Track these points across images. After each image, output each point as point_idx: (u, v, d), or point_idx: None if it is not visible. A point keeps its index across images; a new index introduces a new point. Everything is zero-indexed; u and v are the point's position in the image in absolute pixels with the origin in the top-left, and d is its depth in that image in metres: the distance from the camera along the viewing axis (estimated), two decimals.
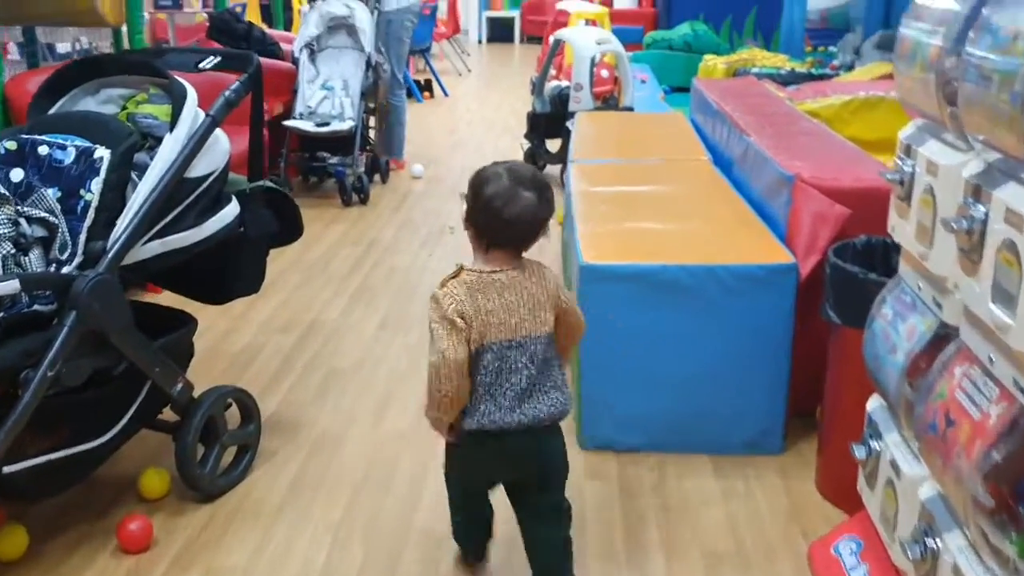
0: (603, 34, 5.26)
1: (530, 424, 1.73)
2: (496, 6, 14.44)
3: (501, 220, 1.69)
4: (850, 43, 8.85)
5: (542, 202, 1.72)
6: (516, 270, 1.74)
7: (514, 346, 1.71)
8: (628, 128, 4.36)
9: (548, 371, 1.75)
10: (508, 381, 1.72)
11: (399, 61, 5.69)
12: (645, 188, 3.16)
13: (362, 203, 4.96)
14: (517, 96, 8.99)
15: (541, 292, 1.75)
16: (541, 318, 1.74)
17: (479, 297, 1.70)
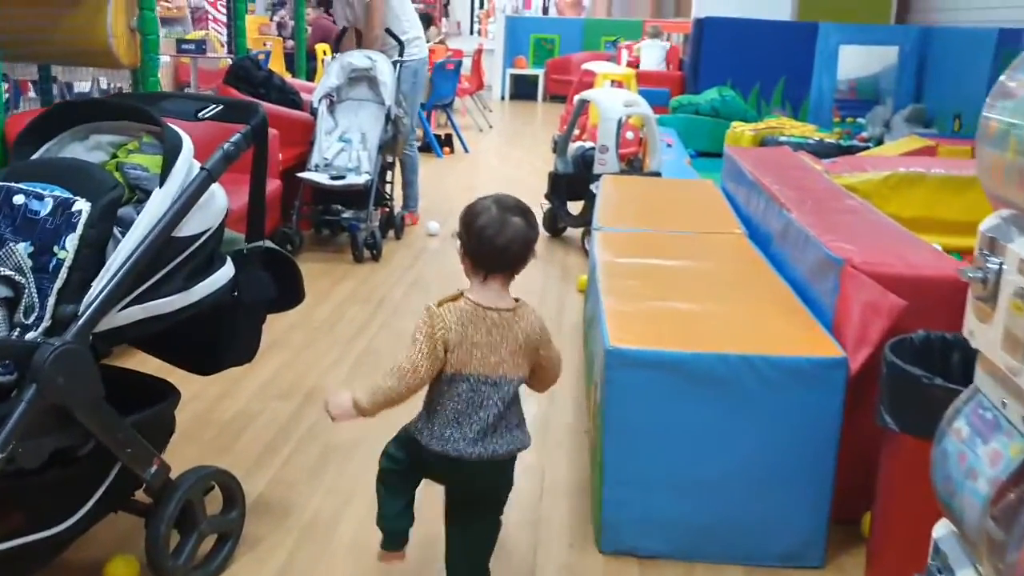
0: (631, 96, 5.10)
1: (489, 458, 1.82)
2: (520, 64, 14.44)
3: (496, 247, 1.80)
4: (879, 115, 8.71)
5: (529, 226, 1.84)
6: (509, 312, 1.83)
7: (490, 383, 1.81)
8: (656, 195, 4.16)
9: (514, 409, 1.86)
10: (477, 415, 1.81)
11: (415, 112, 5.56)
12: (676, 262, 2.94)
13: (374, 259, 4.76)
14: (538, 155, 8.86)
15: (525, 339, 1.83)
16: (519, 363, 1.84)
17: (469, 328, 1.79)
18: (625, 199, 4.00)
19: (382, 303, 4.11)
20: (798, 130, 7.84)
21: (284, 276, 2.23)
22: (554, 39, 14.57)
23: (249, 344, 2.19)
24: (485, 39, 15.49)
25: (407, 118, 5.25)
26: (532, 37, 14.60)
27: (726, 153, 4.52)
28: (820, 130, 7.97)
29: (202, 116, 2.05)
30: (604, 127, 4.92)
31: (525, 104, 13.94)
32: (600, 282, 2.65)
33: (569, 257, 5.06)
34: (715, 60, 9.02)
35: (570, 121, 5.35)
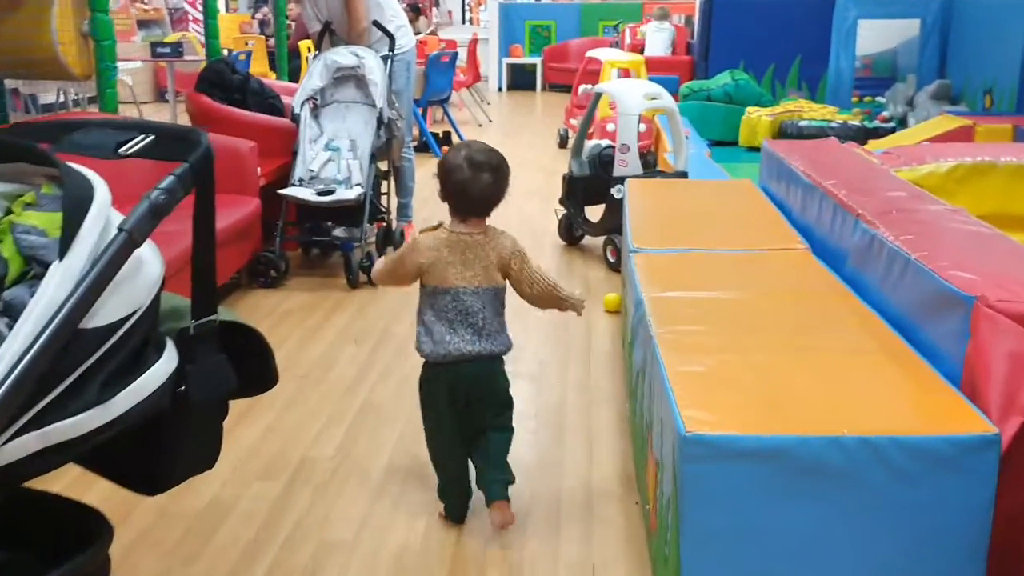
0: (651, 87, 4.55)
1: (487, 354, 2.18)
2: (516, 53, 13.85)
3: (470, 199, 2.16)
4: (901, 93, 8.14)
5: (497, 179, 2.17)
6: (481, 235, 2.18)
7: (469, 293, 2.15)
8: (691, 201, 3.61)
9: (497, 317, 2.22)
10: (467, 320, 2.16)
11: (410, 111, 5.01)
12: (739, 294, 2.40)
13: (371, 284, 4.22)
14: (543, 149, 8.30)
15: (495, 256, 2.18)
16: (492, 275, 2.18)
17: (444, 251, 2.15)
18: (657, 209, 3.46)
19: (383, 340, 3.57)
20: (818, 113, 7.28)
21: (249, 355, 1.69)
22: (550, 25, 14.00)
23: (205, 452, 1.65)
24: (478, 28, 14.90)
25: (401, 120, 4.70)
26: (527, 24, 14.02)
27: (765, 149, 3.97)
28: (841, 111, 7.41)
29: (124, 152, 1.50)
30: (624, 123, 4.37)
31: (524, 95, 13.37)
32: (654, 331, 2.11)
33: (591, 270, 4.51)
34: (726, 42, 8.47)
35: (584, 117, 4.80)
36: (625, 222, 3.33)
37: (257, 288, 4.17)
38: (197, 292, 1.54)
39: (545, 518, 2.33)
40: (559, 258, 4.76)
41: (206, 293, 1.55)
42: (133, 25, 12.42)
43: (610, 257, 4.48)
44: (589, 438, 2.75)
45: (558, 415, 2.92)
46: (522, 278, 2.21)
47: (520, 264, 2.20)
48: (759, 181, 4.01)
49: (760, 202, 3.51)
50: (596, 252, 4.77)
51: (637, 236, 2.94)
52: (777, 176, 3.68)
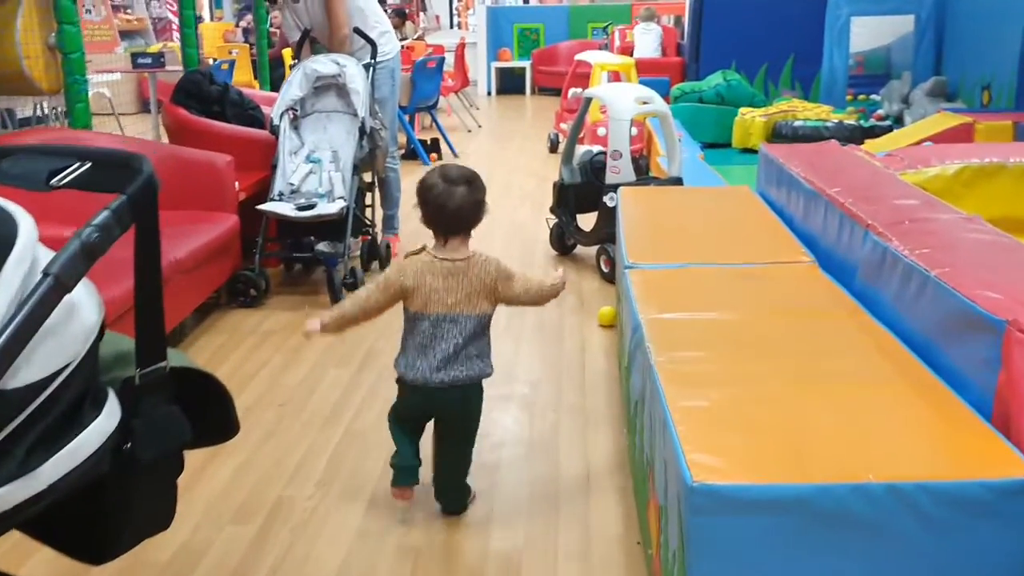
0: (643, 91, 4.38)
1: (451, 383, 2.17)
2: (505, 56, 13.69)
3: (448, 213, 2.16)
4: (896, 90, 8.00)
5: (472, 191, 2.19)
6: (464, 261, 2.18)
7: (448, 320, 2.17)
8: (688, 210, 3.45)
9: (475, 343, 2.21)
10: (439, 346, 2.17)
11: (394, 119, 4.84)
12: (744, 315, 2.24)
13: None
14: (533, 155, 8.15)
15: (479, 284, 2.18)
16: (475, 303, 2.18)
17: (427, 276, 2.16)
18: (652, 219, 3.29)
19: (367, 361, 3.40)
20: (812, 112, 7.13)
21: (206, 402, 1.52)
22: (538, 28, 13.84)
23: (157, 513, 1.49)
24: (466, 32, 14.75)
25: (385, 130, 4.53)
26: (515, 27, 13.86)
27: (763, 154, 3.81)
28: (836, 111, 7.26)
29: (57, 183, 1.33)
30: (615, 129, 4.21)
31: (513, 99, 13.21)
32: (653, 359, 1.95)
33: (584, 281, 4.35)
34: (717, 41, 8.32)
35: (574, 122, 4.63)
36: (619, 234, 3.16)
37: (237, 308, 4.00)
38: (142, 337, 1.36)
39: (541, 557, 2.17)
40: (551, 268, 4.59)
41: (153, 338, 1.38)
42: (115, 36, 12.24)
43: (603, 267, 4.32)
44: (585, 469, 2.58)
45: (551, 442, 2.76)
46: (511, 295, 2.26)
47: (505, 284, 2.24)
48: (757, 187, 3.85)
49: (760, 210, 3.35)
50: (589, 262, 4.61)
51: (632, 250, 2.78)
52: (777, 182, 3.52)
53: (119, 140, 4.18)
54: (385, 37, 4.61)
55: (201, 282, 3.65)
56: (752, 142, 6.92)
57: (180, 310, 3.48)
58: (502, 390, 3.05)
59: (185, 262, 3.37)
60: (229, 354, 3.48)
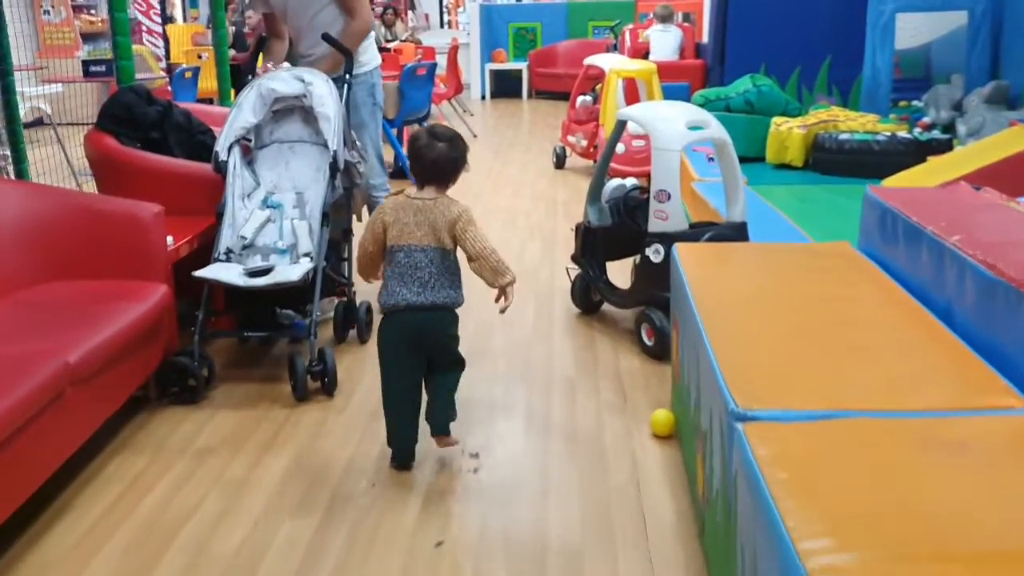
0: (695, 112, 3.43)
1: (428, 304, 2.43)
2: (499, 58, 12.74)
3: (427, 162, 2.46)
4: (943, 96, 7.06)
5: (451, 148, 2.48)
6: (432, 201, 2.46)
7: (418, 250, 2.44)
8: (786, 287, 2.49)
9: (445, 274, 2.46)
10: (414, 274, 2.44)
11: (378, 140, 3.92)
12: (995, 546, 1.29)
13: (326, 393, 3.09)
14: (538, 171, 7.19)
15: (443, 220, 2.44)
16: (439, 236, 2.44)
17: (400, 212, 2.46)
18: (739, 304, 2.34)
19: (334, 509, 2.43)
20: (856, 122, 6.20)
21: None
22: (535, 27, 12.90)
23: None
24: (458, 32, 13.78)
25: (364, 163, 3.58)
26: (510, 27, 12.92)
27: (870, 199, 2.87)
28: (882, 120, 6.32)
29: None
30: (662, 163, 3.26)
31: (509, 103, 12.26)
32: None
33: (621, 356, 3.39)
34: (745, 42, 7.38)
35: (603, 153, 3.67)
36: (694, 331, 2.20)
37: (169, 405, 3.03)
38: None
39: None
40: (574, 335, 3.63)
41: None
42: (77, 39, 11.24)
43: (646, 339, 3.37)
44: None
45: None
46: (465, 237, 2.43)
47: (465, 224, 2.43)
48: (860, 243, 2.91)
49: (886, 287, 2.40)
50: (623, 326, 3.66)
51: (738, 382, 1.81)
52: (897, 240, 2.58)
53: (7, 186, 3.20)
54: (363, 45, 3.67)
55: (113, 385, 2.69)
56: (789, 156, 6.01)
57: (77, 432, 2.51)
58: (527, 567, 2.11)
59: (82, 368, 2.41)
60: (144, 494, 2.50)
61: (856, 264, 2.63)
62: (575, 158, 7.11)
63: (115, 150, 3.55)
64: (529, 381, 3.20)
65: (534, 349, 3.49)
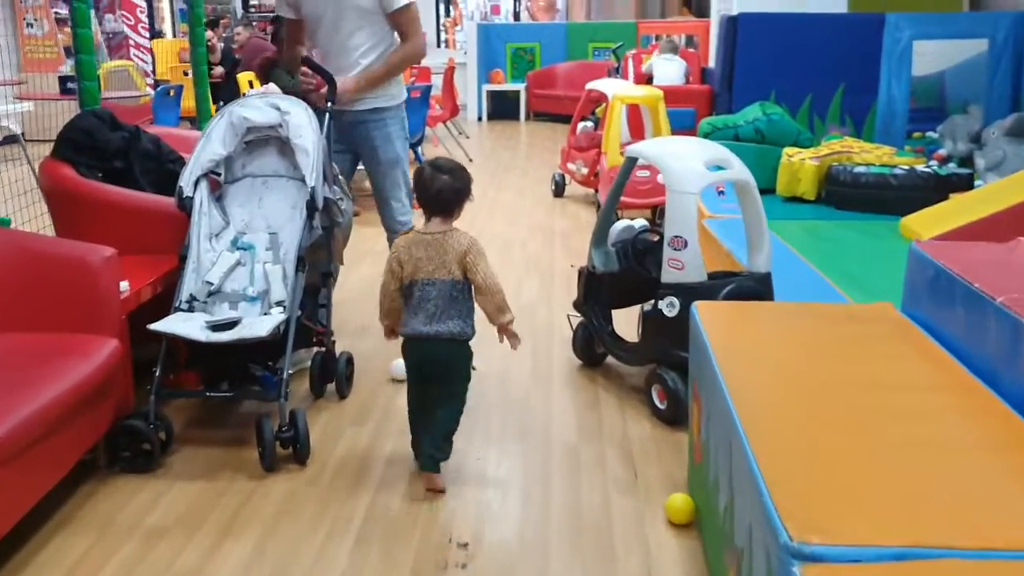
0: (714, 150, 3.10)
1: (435, 336, 2.52)
2: (497, 78, 12.44)
3: (430, 193, 2.54)
4: (960, 127, 6.76)
5: (454, 179, 2.55)
6: (442, 234, 2.54)
7: (428, 284, 2.52)
8: (825, 362, 2.15)
9: (454, 305, 2.53)
10: (425, 307, 2.53)
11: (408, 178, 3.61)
12: None
13: (297, 462, 2.74)
14: (535, 198, 6.87)
15: (453, 252, 2.52)
16: (449, 269, 2.51)
17: (414, 248, 2.55)
18: (778, 384, 2.00)
19: None
20: (872, 155, 5.87)
21: None
22: (534, 48, 12.60)
23: None
24: (454, 51, 13.49)
25: (345, 200, 3.24)
26: (508, 47, 12.62)
27: (918, 255, 2.53)
28: (898, 153, 6.00)
29: None
30: (678, 207, 2.92)
31: (506, 125, 11.95)
32: None
33: (629, 421, 3.04)
34: (754, 68, 7.06)
35: (611, 193, 3.33)
36: (731, 430, 1.86)
37: (121, 473, 2.68)
38: None
39: None
40: (576, 391, 3.29)
41: None
42: (61, 53, 10.91)
43: (658, 401, 3.03)
44: None
45: None
46: (476, 270, 2.51)
47: (475, 257, 2.53)
48: (904, 304, 2.57)
49: (947, 367, 2.07)
50: (629, 382, 3.32)
51: (788, 504, 1.46)
52: (953, 306, 2.24)
53: None
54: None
55: (53, 455, 2.34)
56: (801, 189, 5.67)
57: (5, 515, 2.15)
58: None
59: (9, 444, 2.05)
60: None
61: (905, 333, 2.29)
62: (575, 186, 6.79)
63: (71, 181, 3.21)
64: (526, 448, 2.86)
65: (532, 407, 3.14)
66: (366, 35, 3.33)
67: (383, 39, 3.36)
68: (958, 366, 2.06)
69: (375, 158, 3.46)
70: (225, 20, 11.16)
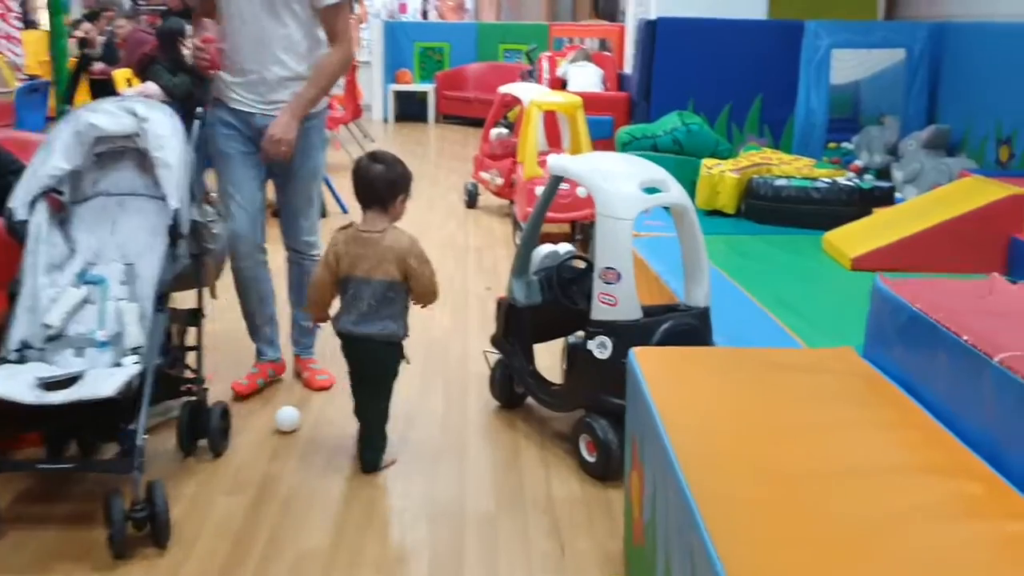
0: (650, 170, 2.71)
1: (362, 335, 2.54)
2: (404, 78, 11.95)
3: (363, 184, 2.55)
4: (875, 138, 6.64)
5: (387, 169, 2.56)
6: (380, 233, 2.53)
7: (363, 282, 2.52)
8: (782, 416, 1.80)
9: (388, 306, 2.54)
10: (357, 305, 2.53)
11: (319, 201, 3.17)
12: None
13: (156, 545, 2.24)
14: (447, 210, 6.44)
15: (391, 253, 2.51)
16: (385, 269, 2.51)
17: (351, 245, 2.53)
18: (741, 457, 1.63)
19: None
20: (791, 167, 5.63)
21: None
22: (443, 48, 12.17)
23: None
24: (360, 50, 12.94)
25: (219, 223, 2.76)
26: (416, 46, 12.15)
27: (884, 294, 2.19)
28: (818, 165, 5.79)
29: None
30: (609, 234, 2.53)
31: (414, 128, 11.46)
32: None
33: (553, 479, 2.63)
34: (673, 75, 6.80)
35: (531, 219, 2.92)
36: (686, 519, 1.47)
37: None
38: None
39: None
40: (494, 442, 2.88)
41: None
42: None
43: (586, 453, 2.64)
44: None
45: None
46: (417, 277, 2.53)
47: (418, 263, 2.53)
48: (867, 349, 2.24)
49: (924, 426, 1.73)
50: (553, 427, 2.92)
51: None
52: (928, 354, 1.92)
53: None
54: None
55: None
56: (721, 202, 5.40)
57: None
58: None
59: None
60: None
61: (874, 387, 1.96)
62: (488, 196, 6.38)
63: None
64: (434, 523, 2.42)
65: (442, 468, 2.71)
66: (290, 30, 2.88)
67: (307, 35, 2.91)
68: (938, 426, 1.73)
69: (289, 169, 2.98)
70: (110, 12, 10.38)
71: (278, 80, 2.89)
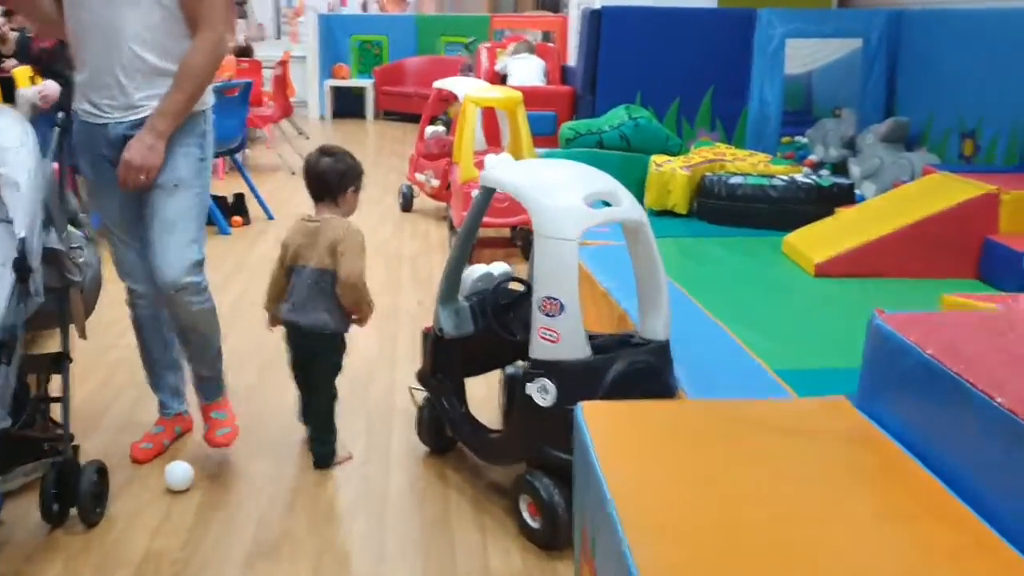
0: (597, 180, 2.33)
1: (294, 323, 2.54)
2: (341, 73, 11.45)
3: (313, 176, 2.56)
4: (830, 131, 6.35)
5: (335, 161, 2.55)
6: (322, 223, 2.51)
7: (300, 270, 2.52)
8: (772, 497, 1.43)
9: (320, 296, 2.50)
10: (294, 293, 2.54)
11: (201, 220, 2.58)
12: None
13: None
14: (380, 213, 5.99)
15: (324, 240, 2.48)
16: (319, 257, 2.48)
17: (297, 234, 2.54)
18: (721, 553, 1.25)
19: None
20: (746, 163, 5.31)
21: None
22: (381, 41, 11.69)
23: None
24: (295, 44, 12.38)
25: (88, 247, 2.30)
26: (353, 39, 11.65)
27: (885, 333, 1.82)
28: (773, 161, 5.48)
29: None
30: (549, 256, 2.13)
31: (352, 124, 10.98)
32: None
33: (490, 548, 2.23)
34: (619, 67, 6.45)
35: (462, 234, 2.50)
36: None
37: None
38: None
39: None
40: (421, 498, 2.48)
41: None
42: None
43: (528, 517, 2.24)
44: None
45: None
46: (341, 261, 2.46)
47: (344, 248, 2.46)
48: (861, 398, 1.87)
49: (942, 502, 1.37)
50: (489, 477, 2.53)
51: None
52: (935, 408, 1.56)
53: None
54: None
55: None
56: (672, 202, 5.07)
57: None
58: None
59: None
60: None
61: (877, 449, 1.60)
62: (424, 198, 5.96)
63: None
64: None
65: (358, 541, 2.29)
66: (146, 15, 2.31)
67: (165, 20, 2.33)
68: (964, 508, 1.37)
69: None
70: None
71: (135, 79, 2.34)
